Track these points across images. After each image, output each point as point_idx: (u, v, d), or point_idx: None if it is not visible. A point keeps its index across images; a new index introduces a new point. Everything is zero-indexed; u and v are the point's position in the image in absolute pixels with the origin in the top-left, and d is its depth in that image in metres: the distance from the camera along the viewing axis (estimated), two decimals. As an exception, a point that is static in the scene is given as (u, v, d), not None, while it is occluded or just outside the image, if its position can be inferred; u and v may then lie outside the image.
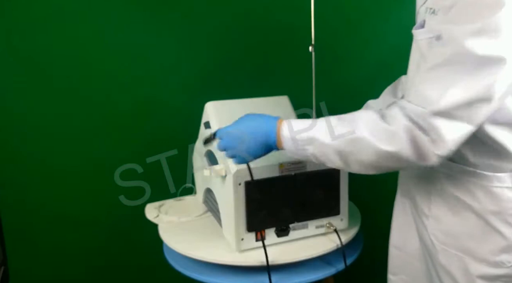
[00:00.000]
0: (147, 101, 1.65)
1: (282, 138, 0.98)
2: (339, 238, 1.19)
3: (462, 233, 1.00)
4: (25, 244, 1.70)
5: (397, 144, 0.87)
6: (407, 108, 0.87)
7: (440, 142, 0.84)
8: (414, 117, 0.85)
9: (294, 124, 0.98)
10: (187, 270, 1.24)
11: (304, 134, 0.95)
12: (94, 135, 1.65)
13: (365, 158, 0.90)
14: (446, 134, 0.83)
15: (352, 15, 1.68)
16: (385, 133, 0.88)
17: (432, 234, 1.05)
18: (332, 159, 0.94)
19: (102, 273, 1.78)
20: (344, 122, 0.93)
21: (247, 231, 1.17)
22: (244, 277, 1.20)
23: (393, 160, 0.89)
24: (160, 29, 1.61)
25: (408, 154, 0.87)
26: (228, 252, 1.20)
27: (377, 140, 0.88)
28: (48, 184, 1.65)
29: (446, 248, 1.02)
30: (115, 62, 1.61)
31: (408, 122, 0.86)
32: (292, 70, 1.61)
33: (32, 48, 1.55)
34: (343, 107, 1.43)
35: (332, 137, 0.92)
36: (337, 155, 0.93)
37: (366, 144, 0.89)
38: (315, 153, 0.95)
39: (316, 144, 0.94)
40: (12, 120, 1.58)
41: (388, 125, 0.88)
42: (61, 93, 1.59)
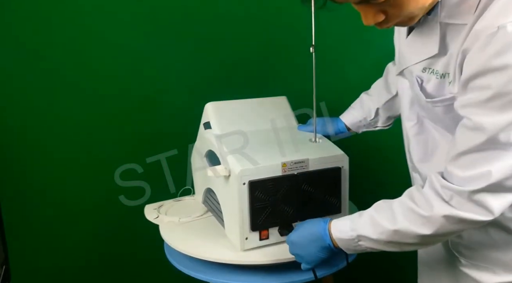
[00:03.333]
0: (147, 102, 1.66)
1: (336, 241, 1.04)
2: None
3: (485, 245, 1.00)
4: (27, 243, 1.70)
5: (436, 227, 0.89)
6: (445, 190, 0.88)
7: (488, 214, 0.85)
8: (453, 196, 0.87)
9: (340, 226, 1.03)
10: (190, 270, 1.24)
11: (353, 233, 1.00)
12: (95, 135, 1.65)
13: (412, 241, 0.94)
14: (491, 207, 0.85)
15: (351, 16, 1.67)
16: (423, 221, 0.90)
17: (456, 250, 1.06)
18: (386, 248, 0.99)
19: (103, 272, 1.78)
20: (383, 215, 0.96)
21: (251, 230, 1.18)
22: (246, 276, 1.21)
23: (437, 237, 0.93)
24: (161, 30, 1.61)
25: (450, 229, 0.90)
26: (232, 251, 1.21)
27: (416, 227, 0.91)
28: (48, 184, 1.66)
29: (472, 262, 1.03)
30: (115, 62, 1.61)
31: (446, 206, 0.87)
32: (292, 71, 1.62)
33: (34, 48, 1.55)
34: (343, 108, 1.44)
35: (376, 232, 0.96)
36: (388, 245, 0.97)
37: (409, 233, 0.92)
38: (369, 246, 1.00)
39: (365, 240, 0.99)
40: (13, 120, 1.58)
41: (424, 212, 0.90)
42: (61, 93, 1.60)
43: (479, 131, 0.81)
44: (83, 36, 1.57)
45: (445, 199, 0.87)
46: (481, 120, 0.81)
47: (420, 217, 0.90)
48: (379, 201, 1.00)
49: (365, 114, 1.37)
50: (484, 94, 0.80)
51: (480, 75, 0.80)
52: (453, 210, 0.87)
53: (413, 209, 0.91)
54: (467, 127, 0.84)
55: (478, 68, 0.80)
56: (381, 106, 1.34)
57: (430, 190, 0.90)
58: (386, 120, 1.37)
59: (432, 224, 0.89)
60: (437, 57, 0.91)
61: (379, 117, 1.37)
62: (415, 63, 0.97)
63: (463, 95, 0.84)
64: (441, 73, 0.91)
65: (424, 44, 0.94)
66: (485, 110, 0.81)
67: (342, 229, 1.02)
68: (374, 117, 1.36)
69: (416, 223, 0.91)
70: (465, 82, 0.83)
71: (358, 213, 1.02)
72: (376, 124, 1.39)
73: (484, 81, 0.80)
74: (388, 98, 1.33)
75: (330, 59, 1.64)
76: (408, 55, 1.00)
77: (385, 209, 0.97)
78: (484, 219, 0.86)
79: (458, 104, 0.86)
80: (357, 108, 1.39)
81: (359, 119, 1.38)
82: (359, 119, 1.38)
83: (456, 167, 0.86)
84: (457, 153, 0.86)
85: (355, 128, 1.40)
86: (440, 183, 0.89)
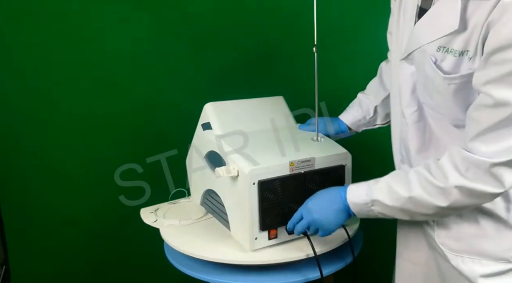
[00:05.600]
0: (147, 102, 1.66)
1: (350, 205, 1.05)
2: (347, 232, 1.21)
3: (474, 235, 1.01)
4: (26, 243, 1.70)
5: (451, 199, 0.91)
6: (464, 161, 0.89)
7: (500, 186, 0.87)
8: (469, 168, 0.88)
9: (356, 190, 1.04)
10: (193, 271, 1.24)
11: (367, 198, 1.01)
12: (95, 136, 1.65)
13: (426, 212, 0.96)
14: (506, 181, 0.87)
15: (352, 16, 1.68)
16: (438, 191, 0.92)
17: (442, 243, 1.06)
18: (398, 215, 1.01)
19: (103, 272, 1.79)
20: (398, 182, 0.98)
21: (260, 230, 1.18)
22: (247, 276, 1.20)
23: (451, 210, 0.95)
24: (161, 30, 1.61)
25: (464, 203, 0.92)
26: (241, 252, 1.21)
27: (432, 198, 0.93)
28: (48, 184, 1.66)
29: (459, 255, 1.03)
30: (115, 62, 1.61)
31: (460, 178, 0.89)
32: (292, 71, 1.62)
33: (33, 49, 1.55)
34: (343, 107, 1.44)
35: (391, 198, 0.98)
36: (401, 212, 0.99)
37: (424, 201, 0.94)
38: (381, 212, 1.02)
39: (379, 204, 1.00)
40: (13, 121, 1.59)
41: (439, 183, 0.92)
42: (61, 93, 1.60)
43: (502, 106, 0.82)
44: (83, 36, 1.57)
45: (461, 171, 0.89)
46: (503, 95, 0.81)
47: (435, 187, 0.92)
48: (396, 170, 1.01)
49: (364, 113, 1.39)
50: (507, 68, 0.80)
51: (504, 48, 0.80)
52: (467, 181, 0.88)
53: (428, 178, 0.93)
54: (487, 105, 0.84)
55: (504, 41, 0.79)
56: (379, 104, 1.36)
57: (448, 162, 0.91)
58: (385, 117, 1.38)
59: (446, 196, 0.91)
60: (455, 34, 0.89)
61: (377, 115, 1.38)
62: (430, 42, 0.95)
63: (483, 70, 0.84)
64: (460, 51, 0.90)
65: (442, 21, 0.92)
66: (507, 84, 0.81)
67: (357, 193, 1.03)
68: (373, 116, 1.38)
69: (431, 193, 0.92)
70: (487, 56, 0.83)
71: (375, 180, 1.03)
72: (375, 122, 1.40)
73: (508, 55, 0.79)
74: (384, 96, 1.34)
75: (330, 59, 1.64)
76: (422, 35, 0.97)
77: (401, 177, 0.98)
78: (496, 191, 0.87)
79: (478, 81, 0.85)
80: (355, 108, 1.41)
81: (359, 118, 1.40)
82: (359, 119, 1.40)
83: (480, 142, 0.87)
84: (480, 130, 0.86)
85: (356, 127, 1.41)
86: (461, 154, 0.89)
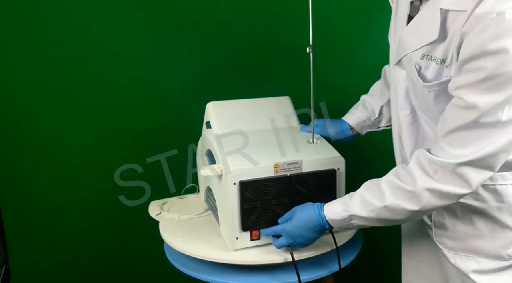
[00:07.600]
0: (147, 101, 1.65)
1: (329, 222, 1.08)
2: (334, 239, 1.18)
3: (470, 234, 1.04)
4: (26, 243, 1.71)
5: (422, 202, 0.94)
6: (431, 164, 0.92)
7: (467, 187, 0.91)
8: (437, 170, 0.91)
9: (333, 208, 1.07)
10: (187, 269, 1.24)
11: (345, 213, 1.04)
12: (95, 135, 1.65)
13: (401, 218, 0.99)
14: (471, 180, 0.90)
15: (351, 16, 1.68)
16: (409, 196, 0.95)
17: (440, 242, 1.09)
18: (377, 224, 1.03)
19: (103, 272, 1.78)
20: (372, 193, 1.01)
21: (241, 230, 1.18)
22: (240, 276, 1.20)
23: (422, 213, 0.99)
24: (161, 30, 1.61)
25: (434, 204, 0.94)
26: (224, 251, 1.21)
27: (404, 203, 0.96)
28: (48, 184, 1.66)
29: (456, 253, 1.06)
30: (115, 62, 1.61)
31: (430, 180, 0.92)
32: (292, 71, 1.61)
33: (33, 48, 1.55)
34: (342, 107, 1.44)
35: (367, 210, 1.01)
36: (379, 221, 1.02)
37: (397, 208, 0.97)
38: (360, 224, 1.05)
39: (357, 218, 1.03)
40: (13, 120, 1.59)
41: (408, 187, 0.95)
42: (62, 93, 1.60)
43: (471, 109, 0.86)
44: (83, 36, 1.57)
45: (429, 173, 0.92)
46: (474, 100, 0.85)
47: (405, 192, 0.95)
48: (367, 181, 1.04)
49: (369, 114, 1.38)
50: (478, 75, 0.84)
51: (476, 57, 0.84)
52: (435, 183, 0.91)
53: (398, 184, 0.96)
54: (459, 106, 0.88)
55: (475, 50, 0.84)
56: (385, 104, 1.36)
57: (415, 165, 0.95)
58: (389, 120, 1.37)
59: (417, 199, 0.93)
60: (436, 43, 0.94)
61: (382, 116, 1.38)
62: (415, 50, 0.99)
63: (458, 77, 0.88)
64: (441, 59, 0.94)
65: (424, 30, 0.97)
66: (478, 90, 0.85)
67: (334, 210, 1.06)
68: (378, 117, 1.38)
69: (403, 198, 0.95)
70: (461, 64, 0.87)
71: (349, 195, 1.06)
72: (379, 124, 1.40)
73: (479, 64, 0.84)
74: (390, 96, 1.34)
75: (330, 59, 1.64)
76: (408, 42, 1.02)
77: (373, 187, 1.01)
78: (463, 192, 0.91)
79: (452, 86, 0.90)
80: (360, 109, 1.40)
81: (363, 119, 1.39)
82: (363, 120, 1.39)
83: (446, 143, 0.91)
84: (448, 130, 0.90)
85: (359, 129, 1.40)
86: (426, 158, 0.93)
